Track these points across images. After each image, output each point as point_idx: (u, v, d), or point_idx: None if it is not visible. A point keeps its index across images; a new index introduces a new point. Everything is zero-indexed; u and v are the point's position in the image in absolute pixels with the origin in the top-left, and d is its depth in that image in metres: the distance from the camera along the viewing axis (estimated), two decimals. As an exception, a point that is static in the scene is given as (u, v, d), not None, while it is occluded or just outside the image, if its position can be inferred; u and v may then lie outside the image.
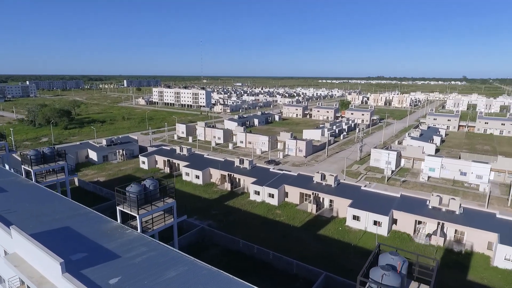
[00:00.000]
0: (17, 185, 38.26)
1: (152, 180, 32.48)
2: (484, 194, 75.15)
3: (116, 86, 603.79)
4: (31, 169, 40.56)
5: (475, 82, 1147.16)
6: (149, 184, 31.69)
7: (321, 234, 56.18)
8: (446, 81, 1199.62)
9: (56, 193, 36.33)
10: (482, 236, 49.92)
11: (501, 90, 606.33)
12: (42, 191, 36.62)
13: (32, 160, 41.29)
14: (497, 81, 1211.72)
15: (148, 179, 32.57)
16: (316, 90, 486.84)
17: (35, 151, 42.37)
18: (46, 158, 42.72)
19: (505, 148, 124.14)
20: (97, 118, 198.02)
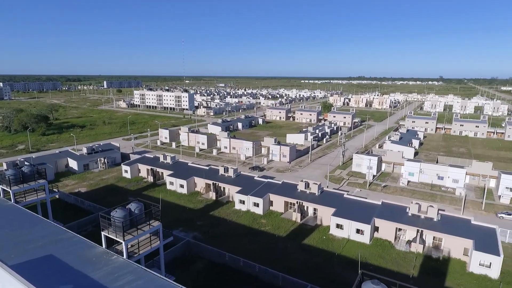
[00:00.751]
0: None
1: (137, 203, 32.25)
2: (460, 198, 78.30)
3: (96, 88, 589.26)
4: (10, 190, 39.33)
5: (451, 82, 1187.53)
6: (134, 207, 31.47)
7: (305, 244, 57.14)
8: (424, 81, 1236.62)
9: (37, 215, 35.44)
10: (458, 242, 52.16)
11: (475, 91, 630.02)
12: (22, 213, 35.66)
13: (11, 180, 40.04)
14: (471, 81, 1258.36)
15: (133, 202, 32.33)
16: (299, 91, 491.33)
17: (13, 170, 41.02)
18: (25, 177, 41.49)
19: (479, 150, 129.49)
20: (77, 122, 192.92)
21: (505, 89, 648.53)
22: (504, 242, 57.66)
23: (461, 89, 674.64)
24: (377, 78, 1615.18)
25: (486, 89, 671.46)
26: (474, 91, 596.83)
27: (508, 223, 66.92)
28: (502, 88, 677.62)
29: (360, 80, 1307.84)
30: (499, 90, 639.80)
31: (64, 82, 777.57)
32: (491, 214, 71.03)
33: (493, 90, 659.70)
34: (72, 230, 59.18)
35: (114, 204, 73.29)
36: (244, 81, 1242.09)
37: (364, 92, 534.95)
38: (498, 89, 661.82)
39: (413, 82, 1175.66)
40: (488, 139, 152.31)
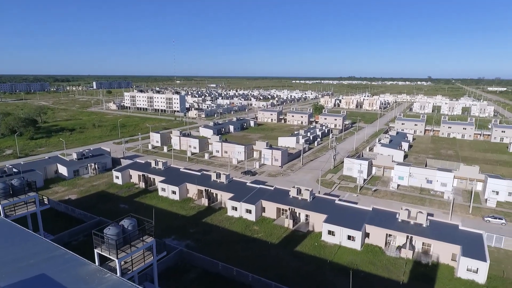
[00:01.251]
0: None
1: (130, 219, 32.20)
2: (449, 202, 79.97)
3: (85, 89, 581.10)
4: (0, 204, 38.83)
5: (439, 82, 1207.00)
6: (128, 224, 31.41)
7: (298, 251, 57.69)
8: (413, 81, 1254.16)
9: (28, 230, 35.06)
10: (446, 248, 53.40)
11: (463, 91, 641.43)
12: (12, 228, 35.26)
13: (0, 194, 39.47)
14: (458, 81, 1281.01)
15: (126, 218, 32.27)
16: (290, 92, 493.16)
17: (2, 183, 40.46)
18: (15, 191, 40.93)
19: (466, 153, 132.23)
20: (66, 125, 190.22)
21: (491, 90, 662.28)
22: (490, 247, 59.23)
23: (449, 89, 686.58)
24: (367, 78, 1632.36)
25: (473, 90, 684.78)
26: (462, 92, 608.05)
27: (495, 226, 68.69)
28: (488, 89, 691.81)
29: (350, 80, 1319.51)
30: (485, 90, 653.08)
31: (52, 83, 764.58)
32: (478, 218, 72.76)
33: (480, 90, 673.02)
34: (63, 240, 59.03)
35: (105, 212, 72.91)
36: (235, 81, 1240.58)
37: (354, 93, 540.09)
38: (484, 90, 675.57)
39: (403, 82, 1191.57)
40: (475, 141, 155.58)
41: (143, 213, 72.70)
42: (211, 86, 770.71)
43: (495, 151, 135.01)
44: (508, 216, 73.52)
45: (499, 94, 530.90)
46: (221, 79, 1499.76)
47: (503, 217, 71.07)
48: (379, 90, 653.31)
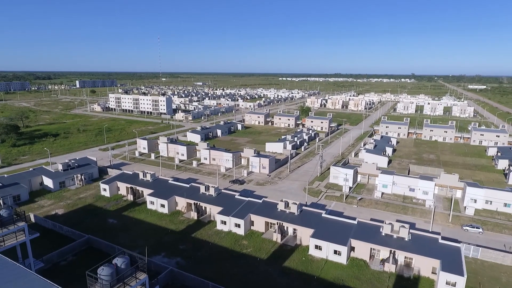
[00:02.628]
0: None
1: (123, 257, 32.78)
2: (430, 210, 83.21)
3: (68, 87, 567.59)
4: (-12, 237, 38.74)
5: (422, 79, 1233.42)
6: (121, 262, 31.99)
7: (286, 267, 59.28)
8: (397, 79, 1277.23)
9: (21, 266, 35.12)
10: (427, 262, 56.03)
11: (445, 89, 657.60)
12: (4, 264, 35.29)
13: (-12, 226, 39.37)
14: (441, 78, 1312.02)
15: (119, 257, 32.82)
16: (277, 91, 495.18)
17: (-9, 215, 40.25)
18: (4, 222, 40.78)
19: (447, 157, 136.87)
20: (49, 130, 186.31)
21: (472, 87, 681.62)
22: (468, 257, 62.34)
23: (431, 87, 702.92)
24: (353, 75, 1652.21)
25: (454, 88, 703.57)
26: (444, 90, 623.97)
27: (472, 235, 72.11)
28: (469, 87, 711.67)
29: (336, 78, 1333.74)
30: (466, 88, 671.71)
31: (32, 81, 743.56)
32: (457, 227, 76.10)
33: (461, 88, 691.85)
34: (52, 260, 58.99)
35: (94, 228, 72.76)
36: (222, 78, 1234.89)
37: (340, 91, 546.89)
38: (465, 88, 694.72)
39: (387, 79, 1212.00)
40: (455, 144, 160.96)
41: (133, 229, 73.04)
42: (198, 84, 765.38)
43: (474, 155, 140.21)
44: (485, 224, 77.19)
45: (479, 93, 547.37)
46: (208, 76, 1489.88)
47: (480, 226, 74.59)
48: (364, 88, 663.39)
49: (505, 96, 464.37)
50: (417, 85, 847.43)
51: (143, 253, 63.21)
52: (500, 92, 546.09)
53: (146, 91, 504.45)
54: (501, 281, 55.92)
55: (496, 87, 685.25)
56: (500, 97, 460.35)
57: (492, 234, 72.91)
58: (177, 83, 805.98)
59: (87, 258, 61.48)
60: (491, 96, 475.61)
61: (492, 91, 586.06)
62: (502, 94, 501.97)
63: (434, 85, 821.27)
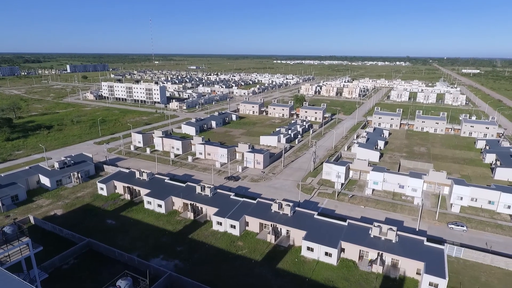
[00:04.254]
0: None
1: (126, 279, 34.75)
2: (418, 208, 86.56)
3: (58, 72, 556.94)
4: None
5: (417, 62, 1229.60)
6: (124, 285, 33.97)
7: (280, 268, 62.28)
8: (392, 61, 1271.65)
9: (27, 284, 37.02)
10: (412, 264, 59.36)
11: (439, 73, 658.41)
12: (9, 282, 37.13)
13: (-6, 244, 40.96)
14: (435, 61, 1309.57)
15: (122, 279, 34.80)
16: (272, 76, 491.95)
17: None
18: (8, 239, 42.40)
19: (437, 150, 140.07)
20: (43, 122, 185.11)
21: (466, 72, 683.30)
22: (451, 257, 65.97)
23: (426, 72, 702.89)
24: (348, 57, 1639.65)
25: (448, 72, 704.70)
26: (438, 74, 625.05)
27: (457, 234, 75.71)
28: (463, 71, 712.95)
29: (331, 60, 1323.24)
30: (460, 73, 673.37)
31: (22, 65, 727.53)
32: (443, 225, 79.60)
33: (455, 72, 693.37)
34: (55, 264, 61.12)
35: (92, 230, 74.78)
36: (216, 61, 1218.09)
37: (335, 76, 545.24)
38: (459, 72, 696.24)
39: (382, 62, 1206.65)
40: (446, 136, 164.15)
41: (131, 230, 75.19)
42: (191, 68, 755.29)
43: (463, 147, 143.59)
44: (470, 222, 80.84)
45: (472, 78, 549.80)
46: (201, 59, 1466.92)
47: (464, 224, 78.16)
48: (359, 73, 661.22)
49: (498, 82, 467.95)
50: (412, 69, 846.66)
51: (142, 255, 65.71)
52: (493, 77, 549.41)
53: (139, 76, 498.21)
54: (481, 281, 59.64)
55: (489, 71, 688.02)
56: (493, 82, 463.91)
57: (475, 232, 76.59)
58: (170, 67, 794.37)
59: (88, 261, 63.82)
60: (484, 81, 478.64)
61: (485, 75, 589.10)
62: (495, 79, 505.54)
63: (429, 69, 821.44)
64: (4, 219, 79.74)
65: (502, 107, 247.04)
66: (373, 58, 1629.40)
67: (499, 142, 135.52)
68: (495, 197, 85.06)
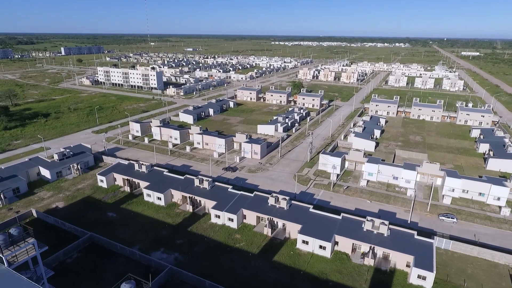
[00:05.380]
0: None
1: (130, 282, 36.72)
2: (411, 199, 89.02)
3: (53, 55, 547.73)
4: (2, 256, 42.05)
5: (417, 44, 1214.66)
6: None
7: (276, 261, 64.89)
8: (391, 43, 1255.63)
9: (35, 284, 39.07)
10: (402, 257, 62.05)
11: (438, 56, 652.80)
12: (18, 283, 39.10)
13: (1, 246, 42.58)
14: (435, 43, 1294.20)
15: (126, 282, 36.74)
16: (269, 59, 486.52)
17: (2, 235, 43.33)
18: (14, 240, 44.05)
19: (433, 138, 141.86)
20: (39, 109, 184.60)
21: (465, 54, 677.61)
22: (440, 249, 68.80)
23: (425, 54, 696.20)
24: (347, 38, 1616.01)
25: (448, 54, 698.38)
26: (437, 57, 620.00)
27: (447, 225, 78.45)
28: (462, 53, 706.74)
29: (330, 42, 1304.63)
30: (459, 55, 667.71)
31: (15, 46, 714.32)
32: (434, 216, 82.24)
33: (454, 55, 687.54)
34: (59, 258, 63.43)
35: (94, 223, 76.83)
36: (213, 43, 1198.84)
37: (333, 59, 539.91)
38: (458, 54, 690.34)
39: (381, 44, 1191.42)
40: (442, 124, 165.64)
41: (131, 223, 77.34)
42: (188, 50, 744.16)
43: (458, 136, 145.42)
44: (460, 213, 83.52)
45: (472, 61, 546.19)
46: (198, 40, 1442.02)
47: (454, 215, 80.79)
48: (357, 55, 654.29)
49: (496, 65, 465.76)
50: (411, 51, 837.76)
51: (143, 249, 68.09)
52: (492, 60, 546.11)
53: (135, 59, 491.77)
54: (467, 272, 62.60)
55: (489, 54, 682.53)
56: (492, 66, 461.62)
57: (465, 224, 79.36)
58: (167, 49, 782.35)
59: (91, 255, 66.18)
60: (483, 65, 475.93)
61: (484, 58, 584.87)
62: (494, 63, 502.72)
63: (428, 51, 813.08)
64: (7, 212, 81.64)
65: (499, 93, 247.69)
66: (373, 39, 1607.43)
67: (493, 131, 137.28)
68: (486, 189, 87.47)
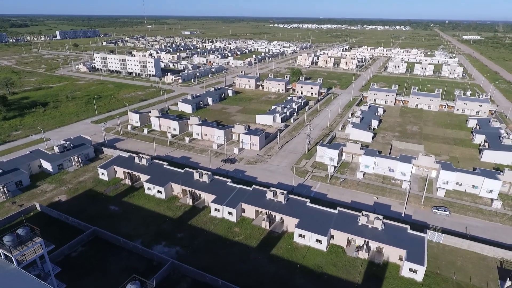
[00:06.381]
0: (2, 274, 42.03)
1: (135, 283, 38.67)
2: (406, 192, 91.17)
3: (48, 39, 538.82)
4: (12, 256, 43.87)
5: (418, 27, 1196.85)
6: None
7: (273, 254, 67.34)
8: (392, 26, 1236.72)
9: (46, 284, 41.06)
10: (395, 251, 64.54)
11: (439, 39, 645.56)
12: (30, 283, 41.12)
13: (10, 247, 44.35)
14: (437, 26, 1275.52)
15: (131, 283, 38.64)
16: (268, 44, 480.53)
17: (10, 236, 45.06)
18: (22, 240, 45.82)
19: (429, 129, 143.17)
20: (37, 98, 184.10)
21: (466, 38, 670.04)
22: (432, 242, 71.35)
23: (426, 38, 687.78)
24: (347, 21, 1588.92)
25: (449, 38, 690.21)
26: (438, 41, 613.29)
27: (440, 218, 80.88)
28: (463, 37, 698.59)
29: (330, 24, 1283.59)
30: (460, 39, 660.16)
31: (9, 29, 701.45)
32: (428, 209, 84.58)
33: (455, 39, 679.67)
34: (64, 253, 65.70)
35: (97, 217, 78.80)
36: (211, 25, 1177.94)
37: (333, 44, 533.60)
38: (459, 38, 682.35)
39: (382, 27, 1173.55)
40: (439, 113, 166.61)
41: (133, 216, 79.37)
42: (185, 33, 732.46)
43: (455, 126, 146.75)
44: (453, 206, 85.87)
45: (472, 45, 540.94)
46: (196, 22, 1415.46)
47: (447, 208, 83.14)
48: (357, 39, 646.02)
49: (497, 50, 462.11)
50: (412, 34, 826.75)
51: (145, 242, 70.38)
52: (493, 44, 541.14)
53: (132, 44, 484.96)
54: (457, 265, 65.32)
55: (490, 38, 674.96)
56: (492, 51, 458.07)
57: (457, 217, 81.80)
58: (164, 32, 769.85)
59: (95, 248, 68.47)
60: (483, 49, 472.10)
61: (485, 42, 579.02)
62: (495, 47, 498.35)
63: (429, 35, 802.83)
64: (11, 206, 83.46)
65: (498, 80, 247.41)
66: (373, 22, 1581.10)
67: (489, 122, 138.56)
68: (479, 182, 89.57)
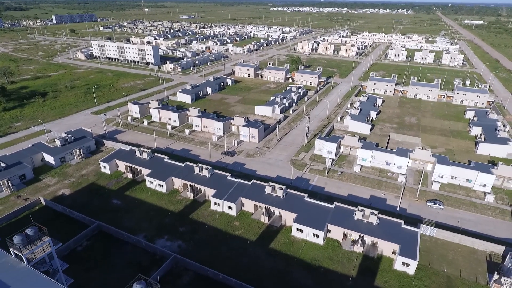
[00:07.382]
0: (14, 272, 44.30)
1: (141, 282, 40.80)
2: (401, 185, 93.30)
3: (44, 24, 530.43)
4: (22, 255, 45.95)
5: (420, 10, 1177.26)
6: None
7: (272, 248, 69.87)
8: (394, 9, 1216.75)
9: (54, 281, 43.36)
10: (389, 245, 67.07)
11: (441, 24, 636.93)
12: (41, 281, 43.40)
13: (20, 246, 46.35)
14: (439, 9, 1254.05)
15: (137, 283, 40.77)
16: (268, 29, 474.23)
17: (19, 236, 46.99)
18: (31, 240, 47.79)
19: (427, 120, 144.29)
20: (36, 88, 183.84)
21: (468, 23, 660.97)
22: (425, 235, 73.91)
23: (428, 23, 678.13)
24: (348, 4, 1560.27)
25: (451, 23, 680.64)
26: (440, 26, 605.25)
27: (433, 212, 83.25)
28: (465, 22, 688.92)
29: (331, 8, 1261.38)
30: (462, 24, 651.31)
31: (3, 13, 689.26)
32: (423, 202, 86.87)
33: (457, 23, 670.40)
34: (70, 247, 68.05)
35: (100, 211, 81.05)
36: (209, 8, 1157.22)
37: (333, 29, 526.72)
38: (461, 23, 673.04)
39: (383, 10, 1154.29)
40: (438, 103, 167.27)
41: (136, 210, 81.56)
42: (184, 18, 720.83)
43: (453, 117, 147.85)
44: (447, 199, 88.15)
45: (474, 30, 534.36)
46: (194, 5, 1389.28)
47: (441, 202, 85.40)
48: (358, 24, 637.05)
49: (499, 36, 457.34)
50: (414, 18, 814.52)
51: (148, 236, 72.77)
52: (495, 30, 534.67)
53: (129, 29, 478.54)
54: (448, 258, 68.01)
55: (492, 22, 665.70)
56: (494, 36, 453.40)
57: (450, 210, 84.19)
58: (161, 17, 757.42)
59: (99, 242, 70.88)
60: (485, 35, 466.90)
61: (488, 27, 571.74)
62: (497, 33, 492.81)
63: (431, 19, 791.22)
64: (16, 200, 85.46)
65: (499, 68, 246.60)
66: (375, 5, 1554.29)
67: (487, 113, 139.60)
68: (473, 176, 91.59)
